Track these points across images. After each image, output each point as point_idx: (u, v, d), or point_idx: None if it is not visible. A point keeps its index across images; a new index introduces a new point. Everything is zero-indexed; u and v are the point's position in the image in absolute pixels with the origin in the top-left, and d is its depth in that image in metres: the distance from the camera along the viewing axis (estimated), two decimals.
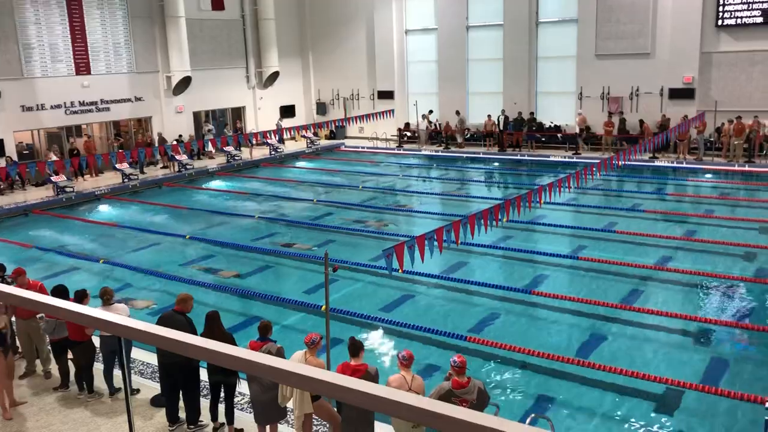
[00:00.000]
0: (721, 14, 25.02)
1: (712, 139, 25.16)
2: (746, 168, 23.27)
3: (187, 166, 26.27)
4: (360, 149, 32.21)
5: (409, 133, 32.60)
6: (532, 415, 7.78)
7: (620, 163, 17.21)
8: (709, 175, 23.31)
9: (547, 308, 12.02)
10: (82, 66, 26.39)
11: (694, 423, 8.33)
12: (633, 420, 8.34)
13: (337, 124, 31.52)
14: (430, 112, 31.63)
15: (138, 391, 8.80)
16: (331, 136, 34.49)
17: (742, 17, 24.68)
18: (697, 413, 8.51)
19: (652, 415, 8.47)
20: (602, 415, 8.57)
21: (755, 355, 10.05)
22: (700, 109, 25.24)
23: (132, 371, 9.05)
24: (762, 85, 24.76)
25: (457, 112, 30.34)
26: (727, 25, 24.98)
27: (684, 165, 24.29)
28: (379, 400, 1.70)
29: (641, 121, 26.26)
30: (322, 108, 36.16)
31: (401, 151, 31.14)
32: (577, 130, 27.79)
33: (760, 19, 24.32)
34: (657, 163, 24.80)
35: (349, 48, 34.71)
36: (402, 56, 33.34)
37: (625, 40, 26.92)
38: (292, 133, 30.47)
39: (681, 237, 15.85)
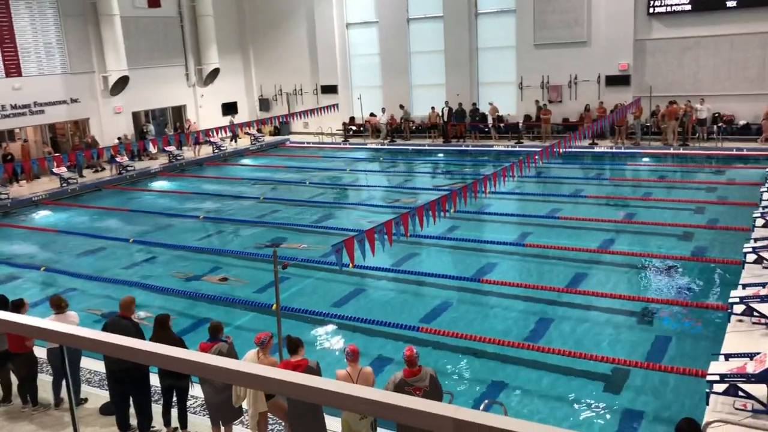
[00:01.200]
0: (652, 2, 25.77)
1: (648, 124, 25.94)
2: (681, 151, 24.09)
3: (128, 168, 25.63)
4: (305, 145, 32.02)
5: (354, 127, 32.56)
6: (486, 401, 7.91)
7: (561, 150, 17.58)
8: (646, 159, 24.05)
9: (497, 295, 12.22)
10: (12, 68, 25.38)
11: (641, 400, 8.61)
12: (583, 400, 8.56)
13: (281, 120, 31.28)
14: (401, 106, 31.53)
15: (86, 400, 8.57)
16: (276, 132, 34.17)
17: (671, 5, 25.47)
18: (643, 390, 8.80)
19: (601, 394, 8.72)
20: (553, 397, 8.78)
21: (695, 330, 10.43)
22: (636, 95, 25.98)
23: (79, 380, 8.80)
24: (692, 70, 25.64)
25: (401, 106, 30.46)
26: (659, 13, 25.75)
27: (622, 150, 24.98)
28: (328, 394, 1.71)
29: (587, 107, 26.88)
30: (265, 104, 35.77)
31: (347, 146, 31.11)
32: (490, 120, 28.46)
33: (688, 7, 25.14)
34: (597, 149, 25.44)
35: (290, 43, 34.40)
36: (344, 50, 33.24)
37: (562, 30, 27.47)
38: (236, 130, 30.14)
39: (622, 220, 16.31)
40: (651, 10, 25.79)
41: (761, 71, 24.55)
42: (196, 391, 8.03)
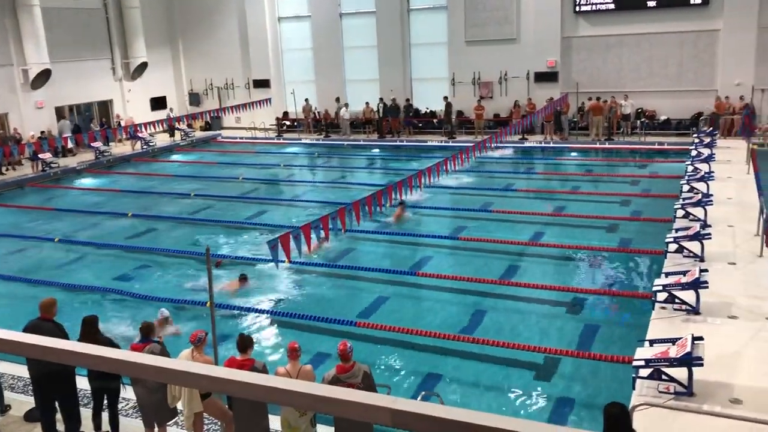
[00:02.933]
0: (578, 1, 26.53)
1: (575, 120, 26.73)
2: (606, 145, 24.95)
3: (52, 165, 24.63)
4: (238, 140, 31.53)
5: (288, 122, 32.27)
6: (423, 392, 8.00)
7: (492, 145, 17.92)
8: (574, 154, 24.78)
9: (433, 289, 12.37)
10: None
11: (571, 387, 8.89)
12: (515, 389, 8.78)
13: (212, 115, 30.71)
14: (338, 99, 31.34)
15: (9, 407, 8.21)
16: (207, 127, 33.50)
17: (596, 4, 26.30)
18: (573, 377, 9.09)
19: (533, 382, 8.96)
20: (488, 387, 8.96)
21: (622, 318, 10.83)
22: (564, 91, 26.73)
23: (1, 387, 8.42)
24: (616, 67, 26.57)
25: (337, 99, 30.40)
26: (584, 11, 26.54)
27: (551, 145, 25.67)
28: (265, 390, 1.69)
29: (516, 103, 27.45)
30: (195, 98, 35.00)
31: (281, 141, 30.80)
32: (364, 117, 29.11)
33: (612, 6, 26.01)
34: (526, 144, 26.04)
35: (220, 36, 33.75)
36: (276, 44, 32.88)
37: (492, 27, 27.97)
38: (173, 123, 29.41)
39: (551, 213, 16.76)
40: (577, 9, 26.55)
41: (679, 69, 25.67)
42: (127, 393, 7.82)
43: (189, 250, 15.14)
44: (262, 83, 32.91)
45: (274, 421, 6.95)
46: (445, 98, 28.41)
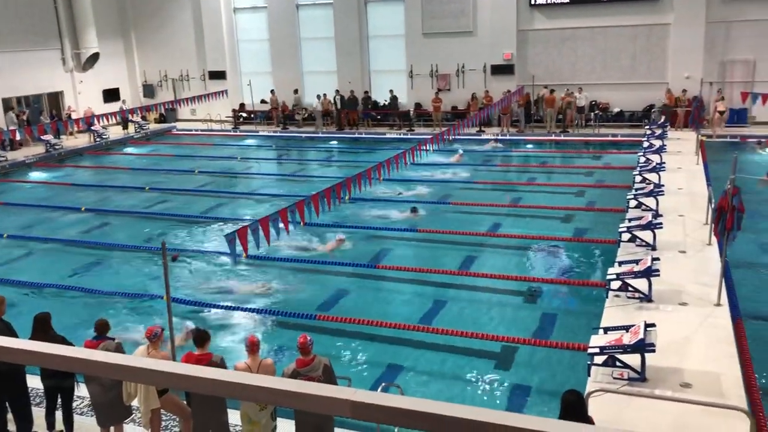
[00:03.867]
0: None
1: (531, 112, 27.05)
2: (561, 138, 25.34)
3: (0, 159, 23.87)
4: (193, 132, 31.06)
5: (244, 114, 31.90)
6: (383, 384, 8.03)
7: (450, 137, 18.04)
8: (530, 146, 25.09)
9: (393, 280, 12.42)
10: None
11: (529, 374, 9.04)
12: (474, 378, 8.89)
13: (167, 107, 30.17)
14: (296, 91, 31.03)
15: None
16: (161, 119, 32.90)
17: None
18: (531, 365, 9.24)
19: (492, 371, 9.08)
20: (448, 376, 9.06)
21: (577, 307, 11.05)
22: (520, 83, 27.03)
23: None
24: (571, 60, 26.97)
25: (296, 91, 30.15)
26: (540, 5, 26.84)
27: (508, 137, 25.95)
28: (224, 385, 1.68)
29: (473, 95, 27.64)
30: (149, 90, 34.30)
31: (238, 133, 30.46)
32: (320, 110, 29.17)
33: None
34: (483, 136, 26.28)
35: (175, 27, 33.11)
36: (232, 35, 32.42)
37: (449, 19, 28.09)
38: (117, 118, 28.78)
39: (509, 204, 16.96)
40: (532, 2, 26.83)
41: (632, 62, 26.20)
42: (82, 391, 7.66)
43: (144, 245, 14.88)
44: (218, 75, 32.43)
45: (234, 416, 6.90)
46: (391, 91, 28.64)
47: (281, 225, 10.58)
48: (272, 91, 30.54)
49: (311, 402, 1.62)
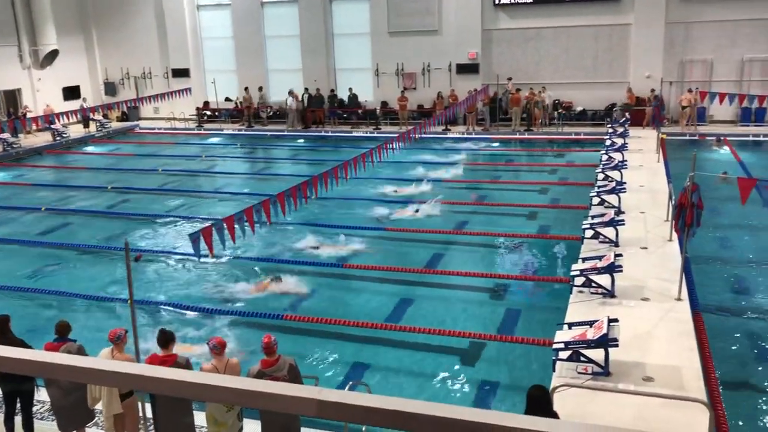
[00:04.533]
0: None
1: (505, 110, 27.22)
2: (526, 136, 25.61)
3: None
4: (157, 131, 30.62)
5: (209, 112, 31.55)
6: (350, 382, 8.03)
7: (417, 136, 18.09)
8: (495, 144, 25.30)
9: (359, 279, 12.40)
10: None
11: (495, 370, 9.12)
12: (442, 374, 8.93)
13: (129, 105, 29.68)
14: (260, 88, 30.73)
15: None
16: (124, 117, 32.34)
17: None
18: (497, 361, 9.33)
19: (459, 367, 9.13)
20: (415, 374, 9.09)
21: (542, 302, 11.17)
22: (485, 82, 27.23)
23: None
24: (534, 59, 27.27)
25: (260, 88, 29.91)
26: (504, 4, 27.07)
27: (473, 136, 26.13)
28: (189, 386, 1.66)
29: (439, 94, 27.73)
30: (111, 88, 33.70)
31: (202, 131, 30.12)
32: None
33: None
34: (449, 135, 26.42)
35: (137, 24, 32.58)
36: (196, 32, 32.03)
37: (415, 18, 28.16)
38: (87, 114, 28.24)
39: (474, 202, 17.08)
40: (497, 1, 27.05)
41: (594, 61, 26.60)
42: (42, 395, 7.49)
43: (107, 245, 14.62)
44: (182, 72, 32.00)
45: (199, 417, 6.82)
46: (350, 90, 28.65)
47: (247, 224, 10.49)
48: (246, 89, 30.18)
49: (277, 402, 1.60)
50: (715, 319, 10.03)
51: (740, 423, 7.62)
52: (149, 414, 7.16)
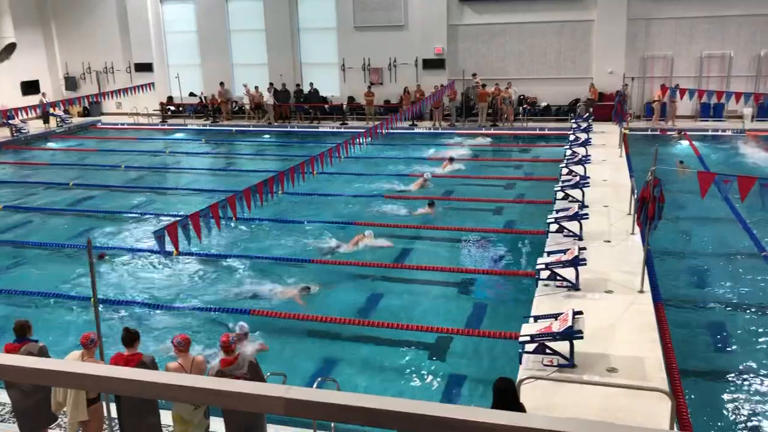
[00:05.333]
0: None
1: (471, 105, 27.38)
2: (492, 131, 25.80)
3: None
4: (119, 126, 30.10)
5: (172, 107, 31.11)
6: (318, 379, 8.01)
7: (384, 131, 18.10)
8: (460, 139, 25.41)
9: (328, 274, 12.36)
10: None
11: (462, 364, 9.19)
12: (410, 369, 8.97)
13: (90, 100, 29.11)
14: (222, 84, 30.35)
15: None
16: (85, 113, 31.73)
17: None
18: (465, 355, 9.40)
19: (427, 362, 9.18)
20: (384, 369, 9.10)
21: (508, 296, 11.28)
22: (451, 78, 27.35)
23: None
24: (500, 55, 27.49)
25: (222, 84, 29.57)
26: (469, 0, 27.21)
27: (440, 131, 26.23)
28: (155, 387, 1.64)
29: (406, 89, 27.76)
30: (71, 83, 33.01)
31: (166, 127, 29.70)
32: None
33: None
34: (416, 130, 26.49)
35: (98, 17, 31.94)
36: (159, 26, 31.53)
37: (381, 13, 28.15)
38: (38, 111, 27.60)
39: (441, 197, 17.13)
40: None
41: (558, 57, 26.92)
42: (2, 396, 7.33)
43: (69, 243, 14.34)
44: (145, 67, 31.50)
45: (165, 416, 6.74)
46: (311, 84, 28.56)
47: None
48: (221, 84, 29.78)
49: (244, 400, 1.60)
50: (676, 311, 10.25)
51: (700, 411, 7.81)
52: (114, 414, 7.05)
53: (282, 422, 7.16)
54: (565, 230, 12.19)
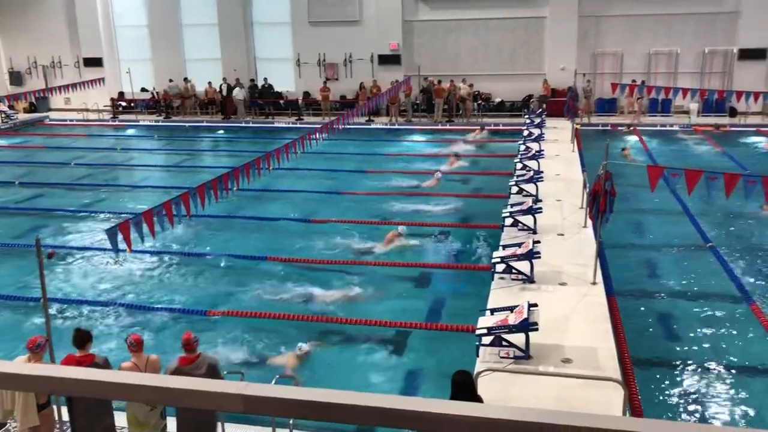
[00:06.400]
0: None
1: (418, 102, 27.55)
2: (447, 127, 25.98)
3: None
4: (68, 122, 29.31)
5: (124, 103, 30.44)
6: (277, 376, 7.96)
7: (340, 126, 18.05)
8: (417, 135, 25.51)
9: (284, 272, 12.28)
10: None
11: (421, 358, 9.25)
12: (369, 364, 8.99)
13: (37, 96, 28.24)
14: (171, 80, 29.72)
15: None
16: (32, 109, 30.80)
17: None
18: (423, 349, 9.45)
19: (385, 356, 9.21)
20: (341, 364, 9.10)
21: (465, 290, 11.39)
22: (407, 74, 27.42)
23: None
24: (455, 51, 27.68)
25: (171, 80, 29.05)
26: None
27: (396, 126, 26.29)
28: (110, 387, 1.61)
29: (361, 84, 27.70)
30: (16, 78, 31.99)
31: (117, 123, 29.05)
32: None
33: None
34: (373, 125, 26.50)
35: (44, 10, 31.00)
36: (108, 20, 30.79)
37: (336, 8, 28.03)
38: None
39: (401, 192, 17.17)
40: None
41: (512, 54, 27.25)
42: None
43: (16, 242, 13.91)
44: (94, 62, 30.72)
45: (120, 418, 6.61)
46: (265, 79, 28.46)
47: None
48: (186, 79, 29.17)
49: (201, 399, 1.58)
50: (627, 302, 10.51)
51: (651, 398, 8.04)
52: (66, 417, 6.88)
53: (238, 420, 7.09)
54: (520, 224, 12.37)
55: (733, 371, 8.65)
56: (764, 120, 24.39)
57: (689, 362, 8.86)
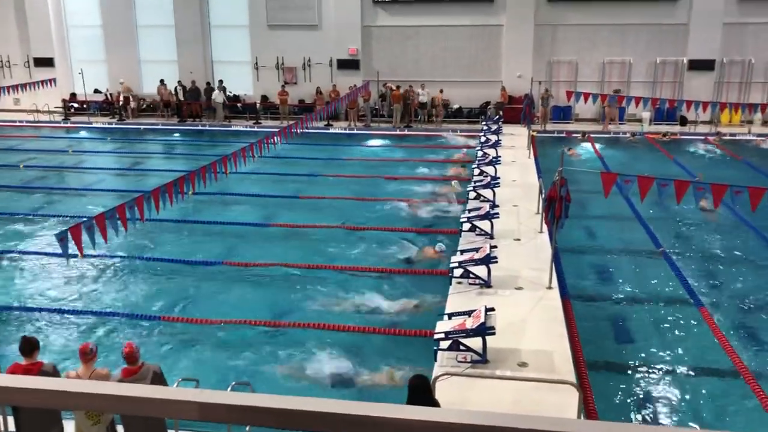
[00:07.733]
0: None
1: (377, 107, 27.62)
2: (405, 132, 26.10)
3: None
4: (17, 123, 28.49)
5: (76, 105, 29.74)
6: (233, 383, 7.85)
7: (298, 131, 17.96)
8: (376, 140, 25.55)
9: (243, 276, 12.14)
10: None
11: (380, 363, 9.22)
12: (326, 370, 8.92)
13: None
14: (121, 82, 29.11)
15: None
16: None
17: None
18: (382, 354, 9.43)
19: (342, 361, 9.15)
20: (298, 370, 9.01)
21: (423, 294, 11.39)
22: (365, 79, 27.47)
23: None
24: (414, 57, 27.84)
25: (121, 82, 28.50)
26: (383, 2, 27.43)
27: (354, 131, 26.29)
28: (57, 395, 1.55)
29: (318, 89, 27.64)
30: None
31: (69, 125, 28.37)
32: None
33: None
34: (332, 130, 26.44)
35: None
36: (60, 19, 30.07)
37: (294, 12, 27.94)
38: None
39: (357, 197, 17.17)
40: None
41: (471, 60, 27.53)
42: None
43: None
44: (45, 62, 29.96)
45: (69, 426, 6.43)
46: (220, 82, 28.07)
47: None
48: (162, 81, 28.55)
49: (154, 406, 1.54)
50: (582, 306, 10.68)
51: (605, 401, 8.18)
52: (12, 428, 6.67)
53: (189, 426, 6.96)
54: (478, 229, 12.48)
55: (684, 373, 8.88)
56: (712, 129, 25.15)
57: (642, 365, 9.04)
